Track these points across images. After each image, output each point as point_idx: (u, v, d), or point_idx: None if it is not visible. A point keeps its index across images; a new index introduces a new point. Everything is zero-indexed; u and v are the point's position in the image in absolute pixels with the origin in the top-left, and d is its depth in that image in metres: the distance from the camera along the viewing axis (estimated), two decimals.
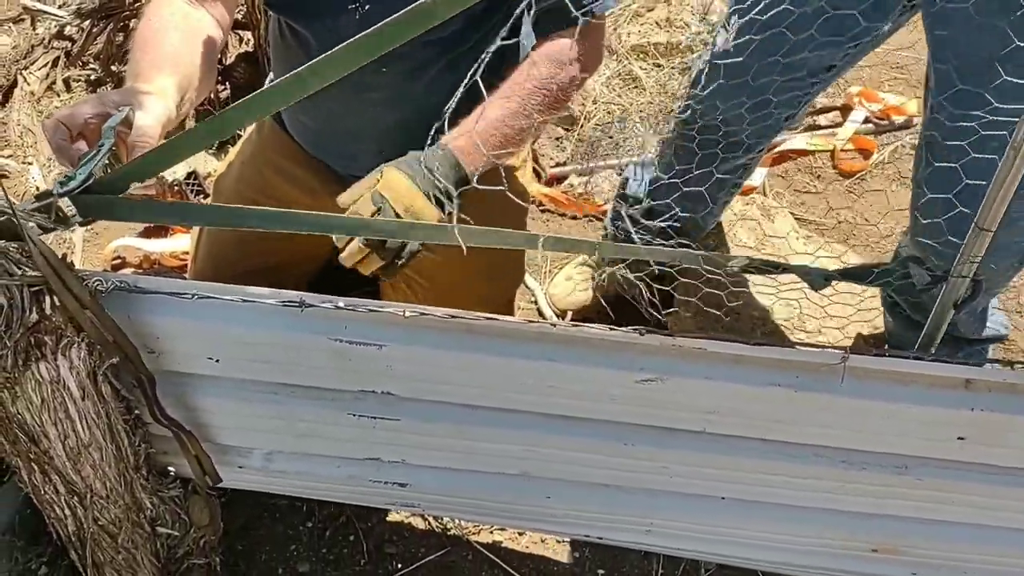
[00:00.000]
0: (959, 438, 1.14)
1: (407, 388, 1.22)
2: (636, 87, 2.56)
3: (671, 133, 1.84)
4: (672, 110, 2.52)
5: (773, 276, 1.14)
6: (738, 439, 1.21)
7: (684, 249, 1.05)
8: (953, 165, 1.23)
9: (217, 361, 1.20)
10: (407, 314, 1.09)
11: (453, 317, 1.12)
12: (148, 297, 1.11)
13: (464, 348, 1.15)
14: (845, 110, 2.49)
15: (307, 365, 1.20)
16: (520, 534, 1.82)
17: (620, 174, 2.37)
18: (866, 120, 2.46)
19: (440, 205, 1.22)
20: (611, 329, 1.06)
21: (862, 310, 1.88)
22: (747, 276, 1.97)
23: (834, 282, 1.07)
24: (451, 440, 1.29)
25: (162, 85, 1.21)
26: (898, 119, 2.47)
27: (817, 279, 0.99)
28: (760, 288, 1.93)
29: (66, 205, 1.01)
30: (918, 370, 1.07)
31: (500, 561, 1.78)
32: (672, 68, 2.56)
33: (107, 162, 1.05)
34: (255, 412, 1.29)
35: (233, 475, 1.41)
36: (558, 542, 1.82)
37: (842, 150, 2.40)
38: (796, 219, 2.25)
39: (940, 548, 1.37)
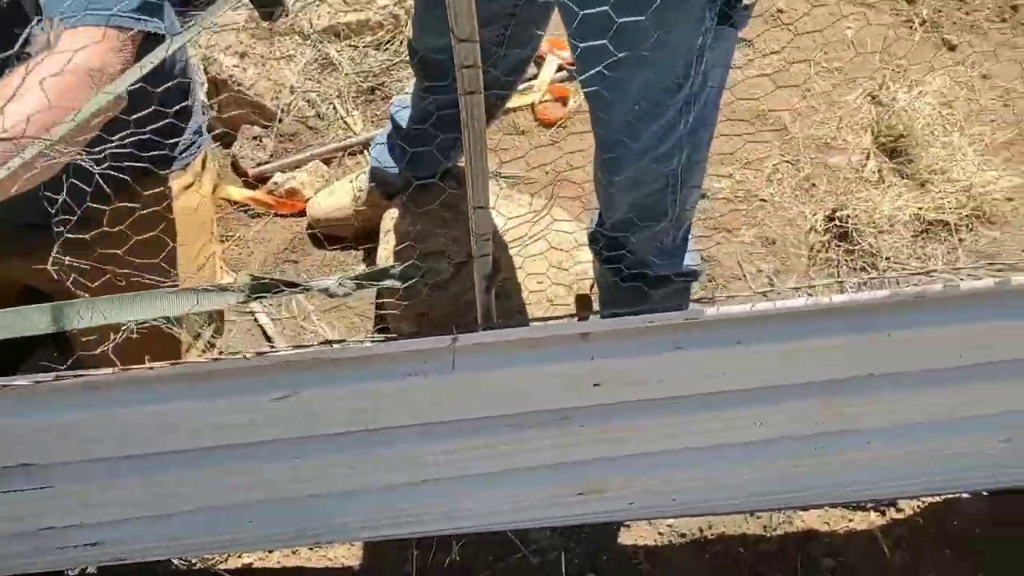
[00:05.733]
0: (595, 384, 1.20)
1: (49, 456, 1.16)
2: (334, 70, 2.51)
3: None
4: (373, 87, 2.51)
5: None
6: (403, 428, 1.23)
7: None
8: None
9: None
10: None
11: (78, 376, 1.06)
12: None
13: (94, 405, 1.10)
14: (538, 61, 2.54)
15: None
16: (269, 552, 1.80)
17: (326, 164, 2.33)
18: (559, 68, 2.52)
19: None
20: (223, 357, 1.04)
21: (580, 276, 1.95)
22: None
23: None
24: (121, 493, 1.24)
25: None
26: None
27: (337, 290, 1.00)
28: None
29: None
30: (533, 334, 1.12)
31: None
32: (366, 46, 2.53)
33: None
34: None
35: None
36: (310, 549, 1.81)
37: (541, 101, 2.46)
38: (504, 178, 2.30)
39: (637, 479, 1.45)
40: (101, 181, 1.26)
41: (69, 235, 1.64)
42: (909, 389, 1.29)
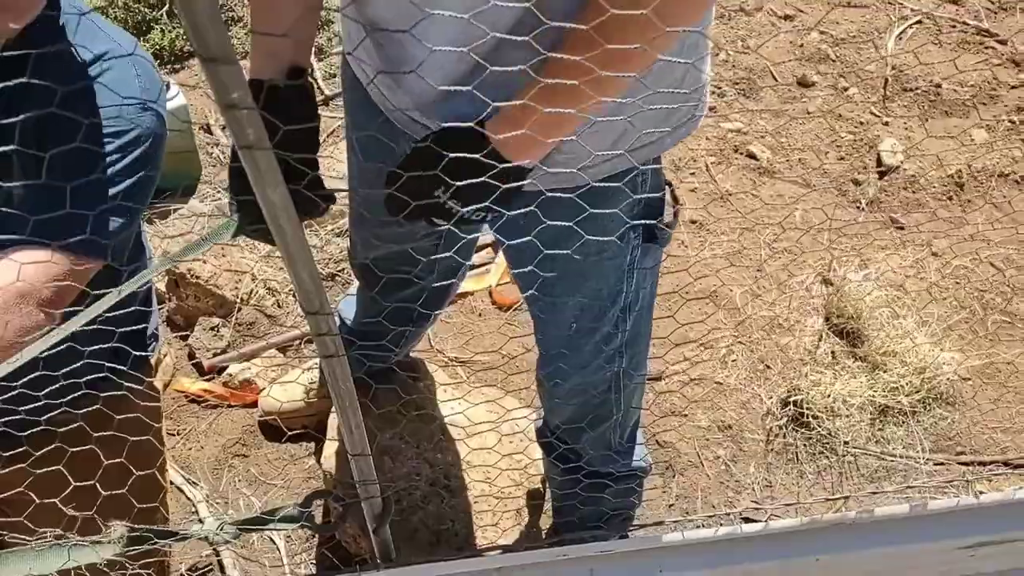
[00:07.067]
0: None
1: None
2: None
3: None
4: (333, 274, 2.55)
5: None
6: None
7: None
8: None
9: None
10: None
11: None
12: None
13: None
14: (496, 245, 2.59)
15: None
16: None
17: (283, 352, 2.35)
18: None
19: None
20: None
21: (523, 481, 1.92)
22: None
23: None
24: None
25: None
26: None
27: (216, 538, 0.98)
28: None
29: None
30: (441, 571, 1.08)
31: None
32: (327, 233, 2.59)
33: None
34: None
35: None
36: None
37: (497, 284, 2.50)
38: (461, 363, 2.30)
39: None
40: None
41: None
42: None
